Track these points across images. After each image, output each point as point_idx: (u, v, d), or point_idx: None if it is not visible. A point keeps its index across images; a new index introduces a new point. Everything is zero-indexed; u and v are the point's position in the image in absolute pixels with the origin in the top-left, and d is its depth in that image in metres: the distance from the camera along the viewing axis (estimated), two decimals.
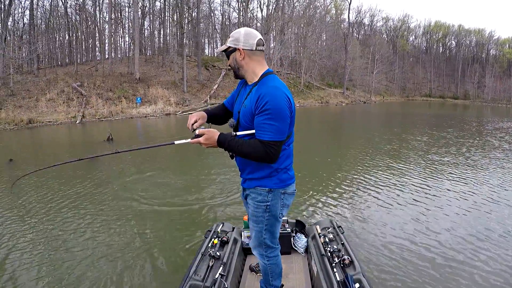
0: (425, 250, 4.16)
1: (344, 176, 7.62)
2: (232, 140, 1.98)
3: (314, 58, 44.67)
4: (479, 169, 8.35)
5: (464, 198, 6.13)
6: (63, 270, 3.68)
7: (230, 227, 3.50)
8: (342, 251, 2.94)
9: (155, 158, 9.38)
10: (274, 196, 2.16)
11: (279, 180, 2.13)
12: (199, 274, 2.63)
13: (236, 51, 2.04)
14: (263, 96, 1.91)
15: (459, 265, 3.83)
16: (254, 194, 2.20)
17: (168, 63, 33.86)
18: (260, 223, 2.25)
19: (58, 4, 36.36)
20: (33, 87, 23.26)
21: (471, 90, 72.68)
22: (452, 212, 5.42)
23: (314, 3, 47.53)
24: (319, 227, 3.47)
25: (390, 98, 60.90)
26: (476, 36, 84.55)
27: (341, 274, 2.63)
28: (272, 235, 2.33)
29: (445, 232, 4.69)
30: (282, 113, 1.91)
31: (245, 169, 2.20)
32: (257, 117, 1.95)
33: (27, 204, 5.64)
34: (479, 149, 11.17)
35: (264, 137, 1.93)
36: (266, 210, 2.19)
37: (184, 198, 6.12)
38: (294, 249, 3.42)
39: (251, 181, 2.19)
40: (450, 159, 9.43)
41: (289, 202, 2.27)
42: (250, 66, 2.08)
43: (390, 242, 4.35)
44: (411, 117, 26.02)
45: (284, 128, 1.94)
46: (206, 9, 45.67)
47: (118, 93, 24.80)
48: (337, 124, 21.58)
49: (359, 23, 72.40)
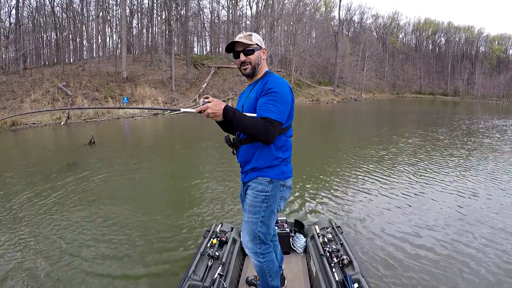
0: (423, 249, 4.19)
1: (343, 176, 7.62)
2: (239, 112, 2.08)
3: (304, 55, 44.57)
4: (477, 169, 8.36)
5: (463, 197, 6.18)
6: (61, 270, 3.73)
7: (229, 227, 3.52)
8: (341, 251, 2.97)
9: (153, 158, 9.44)
10: (274, 187, 2.25)
11: (280, 171, 2.26)
12: (198, 274, 2.65)
13: (261, 50, 2.29)
14: (270, 81, 2.15)
15: (458, 263, 3.86)
16: (254, 183, 2.27)
17: (157, 62, 33.50)
18: (256, 213, 2.29)
19: (45, 3, 35.81)
20: (18, 87, 22.83)
21: (461, 87, 73.35)
22: (452, 212, 5.46)
23: (303, 1, 47.43)
24: (318, 227, 3.50)
25: (381, 95, 61.16)
26: (465, 33, 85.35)
27: (340, 274, 2.65)
28: (267, 228, 2.35)
29: (444, 230, 4.72)
30: (285, 97, 2.12)
31: (250, 158, 2.28)
32: (261, 98, 2.13)
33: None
34: (475, 147, 11.19)
35: (266, 114, 2.06)
36: (265, 201, 2.26)
37: (183, 198, 6.20)
38: (293, 249, 3.45)
39: (253, 172, 2.28)
40: (449, 159, 9.44)
41: (286, 195, 2.37)
42: (264, 66, 2.34)
43: (388, 242, 4.39)
44: (404, 115, 26.05)
45: (285, 111, 2.12)
46: (195, 6, 45.34)
47: (104, 93, 24.47)
48: (330, 123, 21.53)
49: (348, 20, 72.48)
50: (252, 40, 2.24)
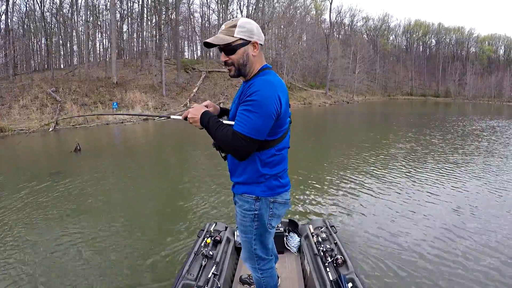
0: (417, 248, 4.22)
1: (337, 176, 7.74)
2: (213, 121, 1.85)
3: (295, 58, 44.71)
4: (474, 168, 8.52)
5: (459, 196, 6.29)
6: (54, 272, 3.74)
7: (223, 227, 3.51)
8: (335, 250, 2.96)
9: (141, 164, 9.40)
10: (262, 205, 2.00)
11: (267, 188, 1.98)
12: (192, 273, 2.63)
13: (249, 44, 1.85)
14: (253, 86, 1.77)
15: (452, 262, 3.89)
16: (241, 201, 2.05)
17: (147, 67, 33.41)
18: (248, 233, 2.11)
19: (35, 9, 35.62)
20: (6, 93, 22.68)
21: (452, 88, 73.92)
22: (445, 211, 5.52)
23: (294, 4, 47.64)
24: (312, 227, 3.50)
25: (372, 97, 61.50)
26: (455, 34, 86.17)
27: (334, 273, 2.64)
28: (263, 245, 2.18)
29: (438, 230, 4.77)
30: (264, 109, 1.73)
31: (235, 170, 2.04)
32: (240, 106, 1.81)
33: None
34: (470, 147, 11.31)
35: (236, 127, 1.77)
36: (254, 219, 2.03)
37: (177, 197, 6.22)
38: (287, 248, 3.45)
39: (239, 185, 2.04)
40: (444, 158, 9.65)
41: (280, 211, 2.09)
42: (258, 62, 1.92)
43: (382, 241, 4.42)
44: (396, 117, 26.27)
45: (261, 126, 1.75)
46: (185, 11, 45.35)
47: (94, 98, 24.36)
48: (324, 126, 21.64)
49: (339, 23, 72.88)
50: (234, 34, 1.81)
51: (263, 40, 1.92)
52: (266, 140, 1.86)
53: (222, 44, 1.83)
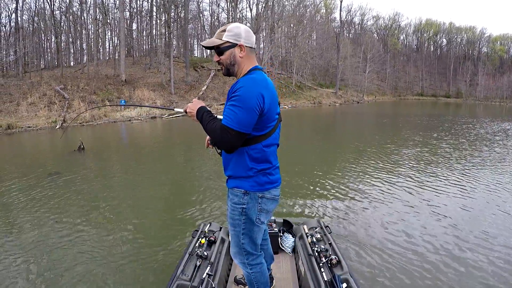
0: (412, 249, 4.23)
1: (332, 177, 7.68)
2: (206, 115, 2.03)
3: (305, 57, 44.32)
4: (472, 170, 8.31)
5: (458, 197, 6.25)
6: (50, 271, 3.73)
7: (217, 227, 3.52)
8: (329, 251, 2.97)
9: (149, 158, 9.54)
10: (250, 199, 2.11)
11: (256, 183, 2.09)
12: (186, 273, 2.65)
13: (235, 47, 2.03)
14: (239, 83, 1.93)
15: (446, 263, 3.90)
16: (231, 195, 2.16)
17: (156, 65, 33.29)
18: (237, 227, 2.20)
19: (45, 7, 35.72)
20: (15, 90, 22.64)
21: (464, 88, 72.76)
22: (439, 212, 5.50)
23: (304, 2, 47.26)
24: (307, 227, 3.50)
25: (382, 97, 60.87)
26: (467, 33, 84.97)
27: (328, 274, 2.64)
28: (251, 240, 2.25)
29: (434, 231, 4.75)
30: (247, 103, 1.88)
31: (227, 164, 2.16)
32: (227, 102, 1.96)
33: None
34: (474, 150, 10.96)
35: (223, 120, 1.92)
36: (242, 213, 2.14)
37: (171, 198, 6.30)
38: (282, 249, 3.46)
39: (230, 180, 2.16)
40: (441, 161, 9.46)
41: (268, 207, 2.19)
42: (246, 63, 2.07)
43: (377, 241, 4.43)
44: (406, 118, 25.69)
45: (245, 120, 1.89)
46: (194, 9, 45.20)
47: (102, 96, 24.23)
48: (333, 126, 21.26)
49: (349, 22, 72.33)
50: (222, 37, 2.02)
51: (252, 43, 2.08)
52: (254, 136, 2.00)
53: (212, 46, 2.06)
